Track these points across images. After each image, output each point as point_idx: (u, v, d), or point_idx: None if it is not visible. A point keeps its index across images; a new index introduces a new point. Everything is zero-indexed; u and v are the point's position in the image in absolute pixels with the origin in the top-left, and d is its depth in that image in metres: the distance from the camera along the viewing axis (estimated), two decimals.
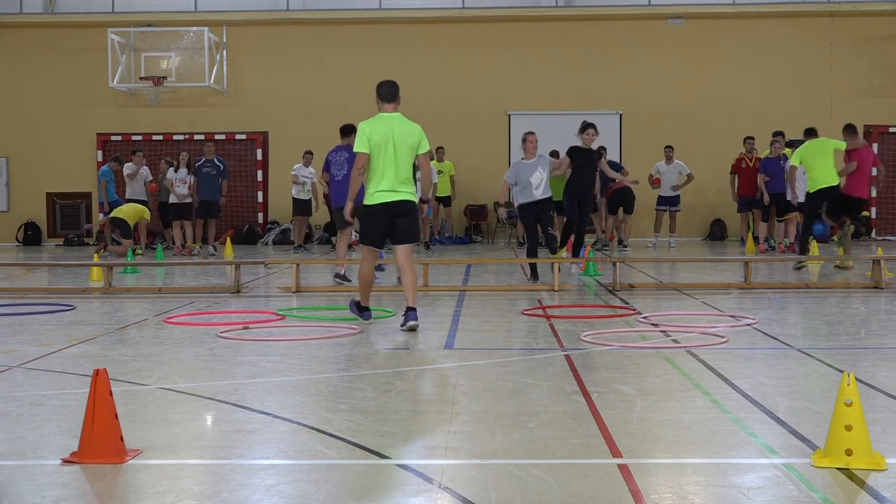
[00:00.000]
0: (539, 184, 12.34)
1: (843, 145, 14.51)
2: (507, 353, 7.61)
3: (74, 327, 8.94)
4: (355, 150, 8.51)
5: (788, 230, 17.77)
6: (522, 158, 12.60)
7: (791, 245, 17.63)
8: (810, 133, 14.82)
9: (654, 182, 19.83)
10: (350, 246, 15.41)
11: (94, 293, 12.01)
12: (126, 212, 18.21)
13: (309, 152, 19.78)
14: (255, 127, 23.46)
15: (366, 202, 8.55)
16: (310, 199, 19.82)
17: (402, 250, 8.63)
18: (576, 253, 13.79)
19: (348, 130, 12.33)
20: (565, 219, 14.08)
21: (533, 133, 12.67)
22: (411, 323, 8.39)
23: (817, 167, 14.20)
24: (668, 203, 20.22)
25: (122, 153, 21.02)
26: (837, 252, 15.02)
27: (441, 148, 21.28)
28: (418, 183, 9.67)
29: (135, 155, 19.93)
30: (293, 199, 19.91)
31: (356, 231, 13.82)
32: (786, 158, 17.38)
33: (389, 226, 8.53)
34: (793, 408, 5.39)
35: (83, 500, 3.99)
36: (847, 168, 14.56)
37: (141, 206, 18.71)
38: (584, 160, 13.53)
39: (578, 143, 13.63)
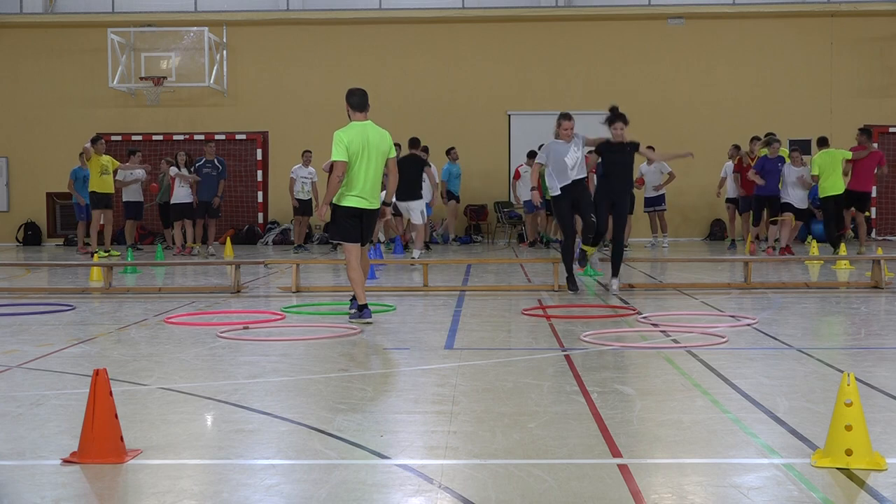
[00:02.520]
0: (574, 164, 11.23)
1: (849, 155, 16.96)
2: (507, 353, 7.61)
3: (74, 327, 8.94)
4: (333, 158, 8.84)
5: (782, 233, 17.58)
6: (556, 138, 11.41)
7: (782, 249, 17.33)
8: (823, 143, 17.20)
9: (639, 183, 19.86)
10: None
11: (94, 293, 12.01)
12: (99, 183, 17.96)
13: (308, 152, 19.77)
14: (255, 127, 23.46)
15: (336, 201, 8.98)
16: (310, 199, 19.82)
17: (362, 251, 9.23)
18: (615, 264, 11.70)
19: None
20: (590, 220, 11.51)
21: (569, 119, 11.36)
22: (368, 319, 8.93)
23: (828, 177, 16.67)
24: (653, 204, 20.25)
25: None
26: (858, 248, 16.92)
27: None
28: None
29: (133, 155, 19.92)
30: (293, 199, 19.91)
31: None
32: (782, 161, 17.32)
33: (359, 225, 9.02)
34: (793, 408, 5.38)
35: (83, 500, 3.99)
36: (857, 155, 17.06)
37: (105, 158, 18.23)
38: (617, 157, 11.59)
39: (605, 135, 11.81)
